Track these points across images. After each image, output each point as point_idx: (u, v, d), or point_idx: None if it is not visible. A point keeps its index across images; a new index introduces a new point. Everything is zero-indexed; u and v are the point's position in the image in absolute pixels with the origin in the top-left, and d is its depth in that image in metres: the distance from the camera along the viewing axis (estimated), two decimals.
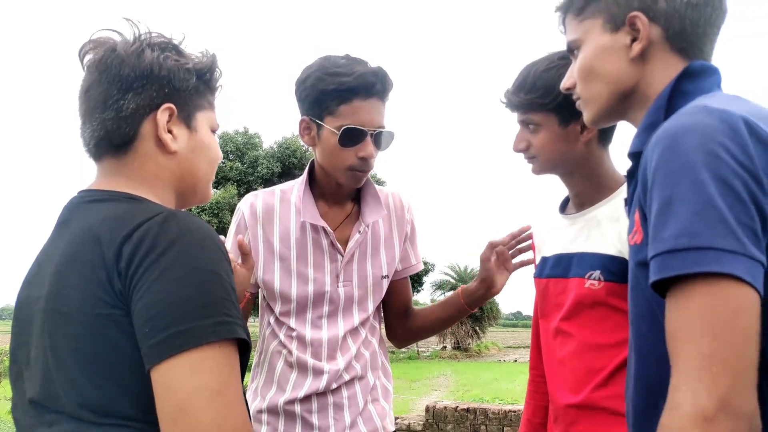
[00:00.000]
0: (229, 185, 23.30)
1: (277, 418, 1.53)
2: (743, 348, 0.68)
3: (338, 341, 1.53)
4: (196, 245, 0.82)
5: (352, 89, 1.38)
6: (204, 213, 22.25)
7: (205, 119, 1.04)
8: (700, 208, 0.70)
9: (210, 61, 1.04)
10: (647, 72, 0.93)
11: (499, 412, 5.48)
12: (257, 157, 24.05)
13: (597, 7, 0.96)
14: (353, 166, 1.43)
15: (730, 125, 0.73)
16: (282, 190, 1.59)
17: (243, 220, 1.54)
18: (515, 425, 5.40)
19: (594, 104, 0.99)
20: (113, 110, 0.94)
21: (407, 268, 1.67)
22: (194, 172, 1.02)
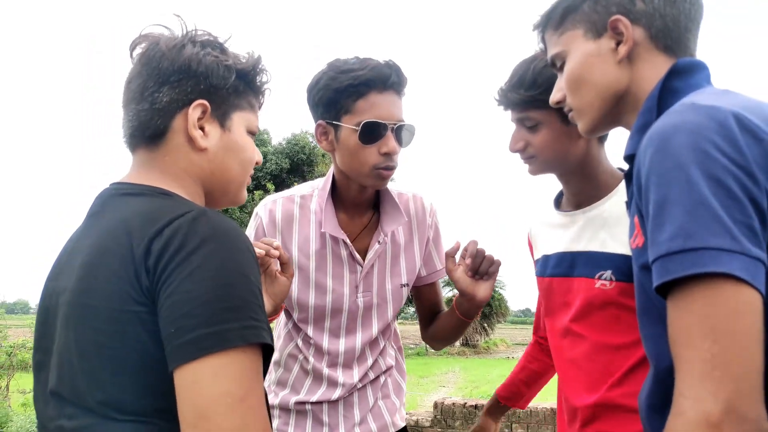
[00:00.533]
0: None
1: (288, 414, 1.54)
2: (746, 350, 0.66)
3: (356, 352, 1.52)
4: (226, 245, 0.81)
5: (366, 82, 1.33)
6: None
7: (242, 120, 1.02)
8: (693, 208, 0.69)
9: (253, 61, 1.03)
10: (636, 73, 0.92)
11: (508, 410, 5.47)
12: (266, 154, 24.07)
13: (575, 18, 0.96)
14: (377, 165, 1.36)
15: (719, 121, 0.72)
16: (302, 196, 1.53)
17: (261, 226, 1.50)
18: (523, 422, 5.39)
19: (588, 113, 0.98)
20: (148, 102, 0.95)
21: (432, 273, 1.62)
22: (225, 171, 1.00)
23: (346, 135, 1.36)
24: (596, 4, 0.94)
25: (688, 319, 0.68)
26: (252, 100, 1.05)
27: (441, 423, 5.74)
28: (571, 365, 1.36)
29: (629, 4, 0.91)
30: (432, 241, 1.60)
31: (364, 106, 1.34)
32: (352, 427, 1.52)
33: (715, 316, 0.66)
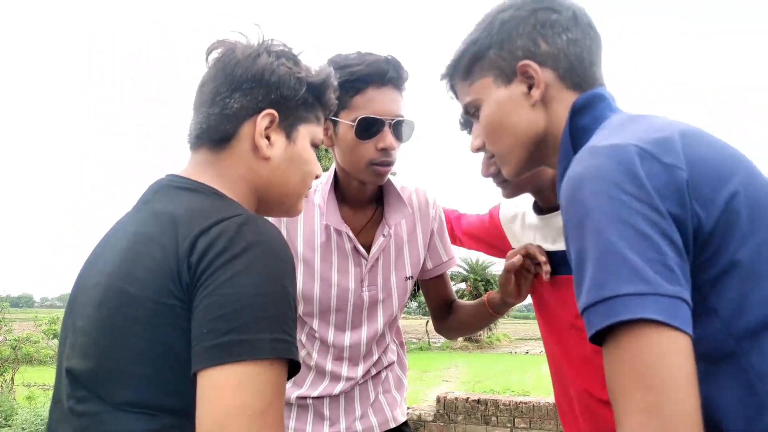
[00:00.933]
0: None
1: (289, 408, 1.55)
2: (679, 394, 0.64)
3: (361, 347, 1.52)
4: (270, 253, 0.81)
5: (363, 77, 1.33)
6: None
7: (308, 133, 1.03)
8: (602, 256, 0.68)
9: (325, 76, 1.04)
10: (551, 114, 0.93)
11: (510, 404, 5.49)
12: None
13: (483, 66, 0.96)
14: (374, 160, 1.36)
15: (620, 161, 0.71)
16: None
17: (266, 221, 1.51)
18: (526, 417, 5.40)
19: (510, 159, 0.98)
20: (219, 106, 0.96)
21: (439, 266, 1.62)
22: (284, 182, 1.01)
23: (344, 130, 1.36)
24: (501, 50, 0.94)
25: (618, 368, 0.67)
26: (319, 113, 1.06)
27: (444, 417, 5.75)
28: (580, 361, 1.36)
29: (534, 47, 0.91)
30: (437, 233, 1.61)
31: (361, 102, 1.34)
32: (352, 422, 1.53)
33: (643, 364, 0.65)
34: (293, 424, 1.54)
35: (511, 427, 5.46)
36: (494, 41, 0.94)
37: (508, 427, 5.46)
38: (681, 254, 0.68)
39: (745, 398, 0.69)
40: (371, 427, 1.55)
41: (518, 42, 0.92)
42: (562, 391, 1.47)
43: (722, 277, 0.70)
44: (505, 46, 0.93)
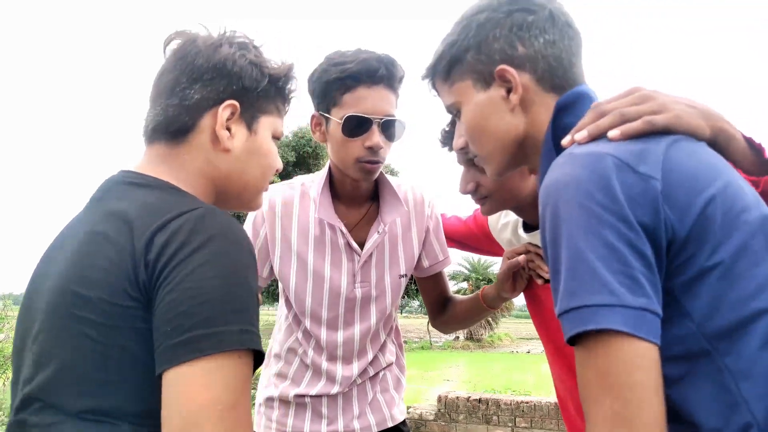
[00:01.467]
0: None
1: (287, 406, 1.56)
2: (645, 404, 0.65)
3: (355, 344, 1.52)
4: (232, 246, 0.79)
5: (353, 75, 1.32)
6: None
7: (269, 124, 1.02)
8: (573, 266, 0.70)
9: (286, 68, 1.02)
10: (531, 118, 0.92)
11: (511, 403, 5.49)
12: None
13: (461, 69, 0.95)
14: (361, 158, 1.36)
15: (594, 170, 0.72)
16: (303, 184, 1.54)
17: (261, 214, 1.51)
18: (527, 416, 5.40)
19: (492, 160, 0.98)
20: (178, 98, 0.93)
21: (435, 264, 1.63)
22: (244, 175, 0.99)
23: (333, 127, 1.37)
24: (479, 54, 0.93)
25: (587, 375, 0.69)
26: (280, 105, 1.04)
27: (445, 416, 5.76)
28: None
29: (510, 50, 0.91)
30: (432, 232, 1.61)
31: (351, 100, 1.34)
32: (350, 420, 1.53)
33: (611, 373, 0.67)
34: (291, 422, 1.54)
35: (513, 427, 5.46)
36: (471, 44, 0.94)
37: (509, 426, 5.46)
38: (650, 265, 0.70)
39: (719, 396, 0.70)
40: (369, 426, 1.55)
41: (495, 45, 0.92)
42: (561, 389, 1.48)
43: (696, 281, 0.71)
44: (482, 49, 0.93)
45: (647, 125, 0.78)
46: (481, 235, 1.63)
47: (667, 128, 0.78)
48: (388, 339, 1.62)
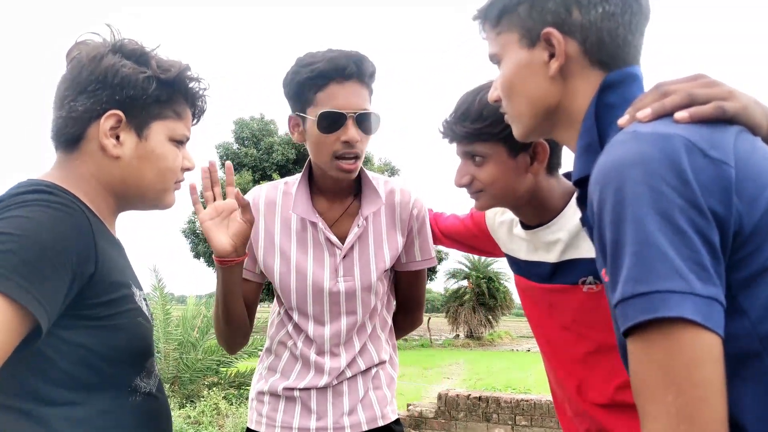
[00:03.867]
0: (244, 171, 23.39)
1: (277, 401, 1.56)
2: (710, 401, 0.62)
3: (341, 337, 1.53)
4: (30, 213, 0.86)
5: (323, 74, 1.36)
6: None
7: (164, 129, 1.06)
8: (642, 249, 0.66)
9: (177, 71, 1.06)
10: (569, 89, 0.88)
11: (511, 401, 5.48)
12: (272, 144, 24.11)
13: (511, 20, 0.91)
14: (337, 152, 1.39)
15: (666, 152, 0.69)
16: (285, 183, 1.59)
17: None
18: (527, 414, 5.40)
19: (519, 121, 0.96)
20: (65, 110, 1.00)
21: (411, 263, 1.63)
22: (139, 178, 1.04)
23: (310, 126, 1.40)
24: (532, 9, 0.88)
25: (648, 368, 0.66)
26: (179, 108, 1.08)
27: (445, 414, 5.75)
28: (575, 362, 1.36)
29: (565, 14, 0.85)
30: (416, 233, 1.61)
31: (324, 98, 1.37)
32: (340, 416, 1.52)
33: (676, 367, 0.63)
34: (281, 417, 1.54)
35: (513, 425, 5.46)
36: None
37: (509, 424, 5.46)
38: (716, 255, 0.66)
39: (767, 400, 0.67)
40: (359, 423, 1.54)
41: (549, 5, 0.86)
42: (556, 389, 1.47)
43: (756, 279, 0.68)
44: (536, 5, 0.88)
45: (718, 111, 0.74)
46: (479, 233, 1.62)
47: (735, 118, 0.75)
48: (382, 335, 1.61)
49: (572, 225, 1.29)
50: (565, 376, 1.40)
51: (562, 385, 1.42)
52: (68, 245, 0.88)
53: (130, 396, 1.02)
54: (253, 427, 1.59)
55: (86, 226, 0.93)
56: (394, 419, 1.61)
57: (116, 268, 0.99)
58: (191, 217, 24.75)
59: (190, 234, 24.84)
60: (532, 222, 1.37)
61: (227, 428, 5.44)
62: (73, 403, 0.93)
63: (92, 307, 0.93)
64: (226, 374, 7.43)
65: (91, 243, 0.93)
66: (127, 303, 1.00)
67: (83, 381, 0.94)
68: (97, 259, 0.93)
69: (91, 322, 0.93)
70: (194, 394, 6.86)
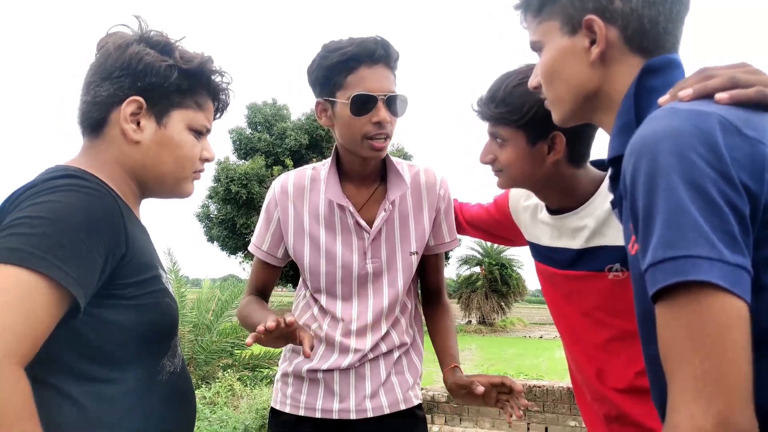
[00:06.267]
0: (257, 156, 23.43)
1: (301, 382, 1.59)
2: (736, 364, 0.64)
3: (369, 319, 1.55)
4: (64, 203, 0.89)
5: (354, 57, 1.39)
6: (233, 183, 22.47)
7: (183, 118, 1.09)
8: (673, 216, 0.68)
9: (199, 63, 1.09)
10: (609, 75, 0.91)
11: (523, 387, 5.50)
12: (285, 129, 24.10)
13: (553, 9, 0.94)
14: (369, 134, 1.43)
15: (700, 126, 0.71)
16: (313, 168, 1.62)
17: (274, 197, 1.59)
18: (539, 400, 5.41)
19: (559, 106, 0.98)
20: (91, 95, 1.04)
21: (439, 245, 1.66)
22: (157, 164, 1.08)
23: (341, 109, 1.44)
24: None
25: (678, 331, 0.67)
26: (200, 99, 1.11)
27: None
28: (596, 349, 1.36)
29: (606, 1, 0.88)
30: (443, 213, 1.64)
31: (354, 81, 1.41)
32: (362, 399, 1.54)
33: (704, 330, 0.65)
34: (305, 399, 1.57)
35: (525, 410, 5.47)
36: None
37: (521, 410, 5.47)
38: (746, 227, 0.68)
39: None
40: (381, 407, 1.55)
41: None
42: (576, 374, 1.48)
43: None
44: None
45: (760, 95, 0.77)
46: (503, 219, 1.63)
47: None
48: (404, 319, 1.62)
49: (600, 212, 1.30)
50: (585, 361, 1.40)
51: (581, 370, 1.42)
52: (100, 227, 0.90)
53: (157, 375, 1.05)
54: (278, 407, 1.61)
55: (116, 209, 0.96)
56: (417, 404, 1.62)
57: (144, 250, 1.02)
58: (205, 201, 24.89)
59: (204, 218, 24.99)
60: (557, 207, 1.38)
61: (242, 409, 5.51)
62: (103, 380, 0.95)
63: (124, 287, 0.96)
64: (241, 356, 7.51)
65: (121, 225, 0.95)
66: (156, 284, 1.03)
67: (114, 358, 0.97)
68: (127, 240, 0.96)
69: (123, 301, 0.96)
70: (209, 376, 6.94)
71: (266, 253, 1.61)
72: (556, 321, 1.49)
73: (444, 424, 5.61)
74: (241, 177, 22.53)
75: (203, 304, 8.00)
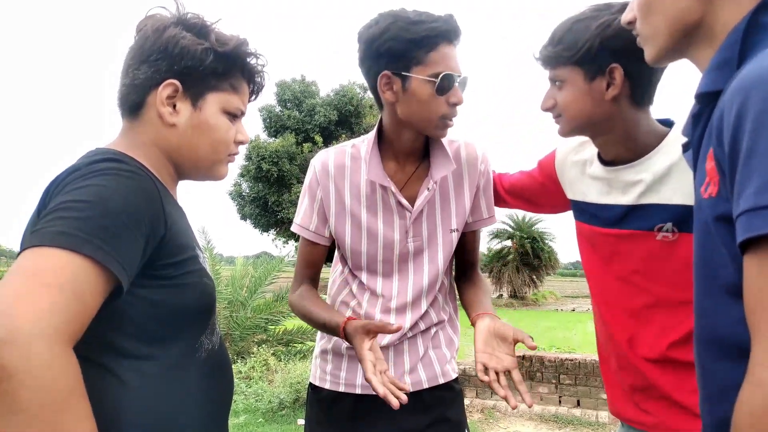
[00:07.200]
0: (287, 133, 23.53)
1: (340, 359, 1.60)
2: None
3: (408, 295, 1.55)
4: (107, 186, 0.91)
5: (442, 34, 1.35)
6: (264, 161, 22.66)
7: (218, 101, 1.09)
8: None
9: (234, 45, 1.09)
10: (713, 6, 0.83)
11: (555, 360, 5.50)
12: (314, 105, 24.12)
13: None
14: (445, 114, 1.41)
15: None
16: (353, 146, 1.59)
17: (315, 177, 1.57)
18: (571, 373, 5.42)
19: (654, 41, 0.91)
20: (129, 77, 1.06)
21: (478, 221, 1.63)
22: (193, 147, 1.09)
23: (418, 85, 1.38)
24: None
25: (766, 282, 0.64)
26: (235, 82, 1.11)
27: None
28: (628, 316, 1.36)
29: None
30: (482, 189, 1.61)
31: (437, 58, 1.36)
32: (401, 375, 1.56)
33: None
34: (344, 375, 1.59)
35: (557, 383, 5.48)
36: None
37: (553, 383, 5.49)
38: None
39: None
40: (420, 382, 1.57)
41: None
42: (604, 342, 1.47)
43: None
44: None
45: None
46: (546, 181, 1.61)
47: None
48: (440, 296, 1.63)
49: (659, 167, 1.27)
50: (617, 328, 1.39)
51: (612, 338, 1.42)
52: (141, 209, 0.93)
53: (197, 352, 1.08)
54: (317, 383, 1.63)
55: (155, 191, 0.98)
56: (454, 377, 1.63)
57: (182, 231, 1.04)
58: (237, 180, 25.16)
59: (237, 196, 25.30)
60: (613, 158, 1.36)
61: (276, 383, 5.64)
62: (145, 357, 0.99)
63: (164, 267, 0.99)
64: (275, 332, 7.65)
65: (160, 207, 0.98)
66: (194, 264, 1.06)
67: (156, 335, 1.00)
68: (166, 222, 0.98)
69: (164, 281, 0.99)
70: (244, 351, 7.11)
71: (314, 233, 1.58)
72: (591, 286, 1.48)
73: (475, 397, 5.66)
74: (272, 155, 22.69)
75: (237, 281, 8.16)
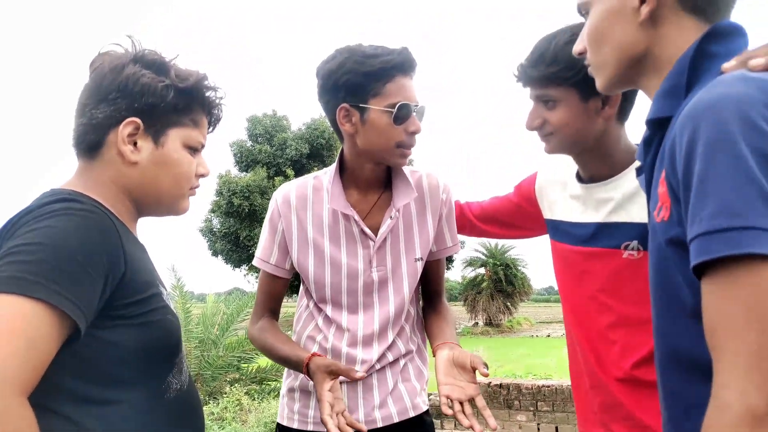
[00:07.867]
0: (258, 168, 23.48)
1: (308, 397, 1.57)
2: None
3: (376, 328, 1.53)
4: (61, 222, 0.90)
5: (396, 66, 1.40)
6: (235, 196, 22.51)
7: (179, 136, 1.09)
8: (739, 184, 0.64)
9: (195, 81, 1.09)
10: (660, 36, 0.86)
11: (532, 387, 5.48)
12: (286, 139, 24.17)
13: None
14: (402, 143, 1.44)
15: None
16: (315, 177, 1.60)
17: (276, 209, 1.57)
18: (549, 400, 5.40)
19: (603, 71, 0.94)
20: (87, 117, 1.04)
21: (442, 250, 1.64)
22: (155, 184, 1.08)
23: (377, 116, 1.41)
24: None
25: (731, 304, 0.65)
26: (196, 116, 1.12)
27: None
28: (597, 336, 1.36)
29: None
30: (445, 217, 1.63)
31: (393, 89, 1.40)
32: (371, 410, 1.53)
33: (762, 303, 0.63)
34: (312, 413, 1.55)
35: (534, 411, 5.45)
36: None
37: (531, 410, 5.46)
38: None
39: None
40: (390, 416, 1.54)
41: None
42: (576, 364, 1.47)
43: None
44: None
45: None
46: (523, 203, 1.62)
47: None
48: (407, 326, 1.61)
49: (629, 186, 1.30)
50: (587, 347, 1.40)
51: (583, 357, 1.42)
52: (97, 248, 0.91)
53: (164, 393, 1.05)
54: (285, 423, 1.59)
55: (112, 228, 0.96)
56: (425, 410, 1.61)
57: (143, 269, 1.02)
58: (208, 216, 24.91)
59: (207, 232, 25.01)
60: (592, 175, 1.38)
61: (250, 423, 5.50)
62: (109, 402, 0.95)
63: (125, 306, 0.96)
64: (248, 370, 7.49)
65: (119, 244, 0.96)
66: (158, 301, 1.03)
67: (119, 379, 0.97)
68: (125, 259, 0.96)
69: (125, 321, 0.96)
70: (217, 391, 6.93)
71: (275, 266, 1.58)
72: (564, 305, 1.48)
73: (454, 429, 5.59)
74: (243, 189, 22.58)
75: (208, 319, 7.99)
